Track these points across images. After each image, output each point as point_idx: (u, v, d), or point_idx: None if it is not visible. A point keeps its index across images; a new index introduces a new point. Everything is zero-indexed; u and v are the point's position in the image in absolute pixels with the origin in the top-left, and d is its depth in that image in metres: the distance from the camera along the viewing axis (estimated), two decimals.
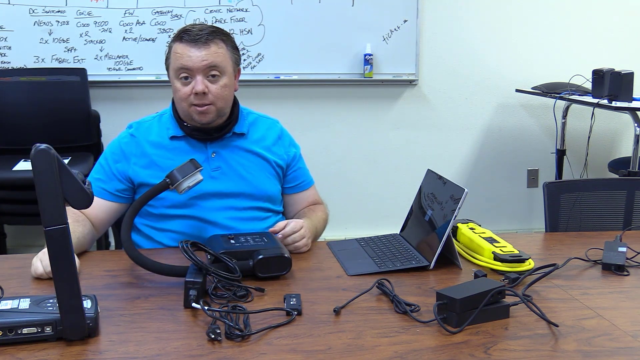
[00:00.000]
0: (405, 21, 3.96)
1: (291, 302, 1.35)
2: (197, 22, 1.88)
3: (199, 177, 1.65)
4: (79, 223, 1.74)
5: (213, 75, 1.79)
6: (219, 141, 1.87)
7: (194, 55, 1.76)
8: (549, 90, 3.81)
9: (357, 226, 4.09)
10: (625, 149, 4.23)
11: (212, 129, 1.85)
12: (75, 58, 3.70)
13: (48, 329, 1.18)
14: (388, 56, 3.97)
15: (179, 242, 1.45)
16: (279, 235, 1.71)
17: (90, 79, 3.67)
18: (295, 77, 3.90)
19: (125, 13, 3.71)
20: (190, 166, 1.63)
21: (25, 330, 1.17)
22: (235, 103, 1.90)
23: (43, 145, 1.12)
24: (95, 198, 1.78)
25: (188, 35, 1.78)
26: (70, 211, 1.68)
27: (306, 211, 1.96)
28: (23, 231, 3.83)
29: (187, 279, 1.35)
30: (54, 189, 1.12)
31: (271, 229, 1.73)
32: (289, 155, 1.97)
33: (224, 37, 1.83)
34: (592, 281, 1.57)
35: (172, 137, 1.87)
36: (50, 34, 3.66)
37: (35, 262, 1.52)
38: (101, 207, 1.84)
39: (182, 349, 1.19)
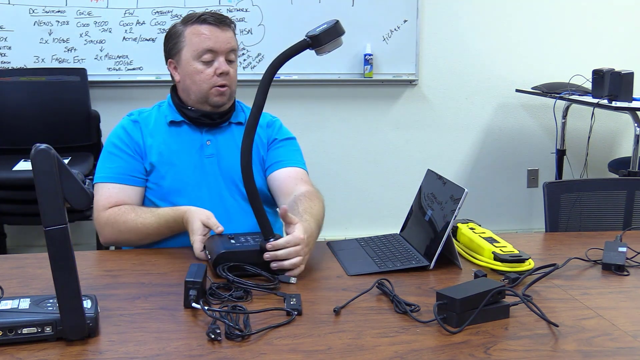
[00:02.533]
0: (405, 21, 3.96)
1: (291, 302, 1.35)
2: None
3: (340, 42, 1.58)
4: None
5: (231, 59, 1.85)
6: (215, 129, 1.89)
7: (221, 37, 1.82)
8: (549, 90, 3.81)
9: (357, 226, 4.09)
10: (625, 149, 4.23)
11: (216, 114, 1.88)
12: (75, 58, 3.70)
13: (48, 329, 1.18)
14: (388, 56, 3.98)
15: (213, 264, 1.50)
16: (267, 256, 1.50)
17: (90, 79, 3.67)
18: (295, 77, 3.90)
19: (125, 13, 3.71)
20: (335, 30, 1.54)
21: (25, 330, 1.17)
22: None
23: (43, 145, 1.12)
24: (126, 187, 1.81)
25: (211, 17, 1.82)
26: (129, 207, 1.77)
27: (303, 201, 1.73)
28: (23, 231, 3.83)
29: (187, 279, 1.35)
30: (54, 189, 1.12)
31: (270, 245, 1.50)
32: (270, 138, 1.94)
33: (232, 23, 1.89)
34: (592, 281, 1.57)
35: (171, 123, 1.88)
36: (50, 34, 3.66)
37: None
38: (138, 195, 1.84)
39: (182, 349, 1.19)
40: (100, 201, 1.79)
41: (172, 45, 1.87)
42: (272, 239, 1.50)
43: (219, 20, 1.83)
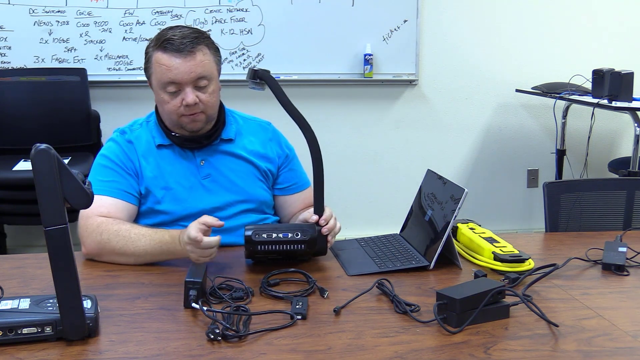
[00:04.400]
0: (405, 21, 3.96)
1: (297, 306, 1.34)
2: (175, 25, 1.81)
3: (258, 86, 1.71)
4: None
5: (201, 85, 1.73)
6: (206, 148, 1.82)
7: (182, 67, 1.69)
8: (549, 90, 3.81)
9: (357, 226, 4.09)
10: (625, 149, 4.23)
11: (201, 136, 1.80)
12: (75, 58, 3.70)
13: (48, 329, 1.18)
14: (388, 56, 3.97)
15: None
16: (323, 226, 1.63)
17: (90, 79, 3.67)
18: (295, 77, 3.90)
19: (125, 13, 3.71)
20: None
21: (25, 330, 1.17)
22: (220, 107, 1.85)
23: (43, 145, 1.12)
24: (119, 202, 1.73)
25: (171, 44, 1.70)
26: (121, 220, 1.67)
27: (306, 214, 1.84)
28: (23, 231, 3.83)
29: (187, 279, 1.35)
30: (54, 189, 1.12)
31: (318, 220, 1.63)
32: (280, 156, 1.92)
33: (206, 40, 1.76)
34: (592, 281, 1.57)
35: (159, 146, 1.81)
36: (50, 34, 3.66)
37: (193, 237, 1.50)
38: (130, 213, 1.75)
39: (182, 349, 1.19)
40: (90, 209, 1.58)
41: (145, 67, 1.80)
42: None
43: (180, 49, 1.69)
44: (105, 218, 1.68)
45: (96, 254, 1.66)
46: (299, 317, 1.31)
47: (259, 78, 1.70)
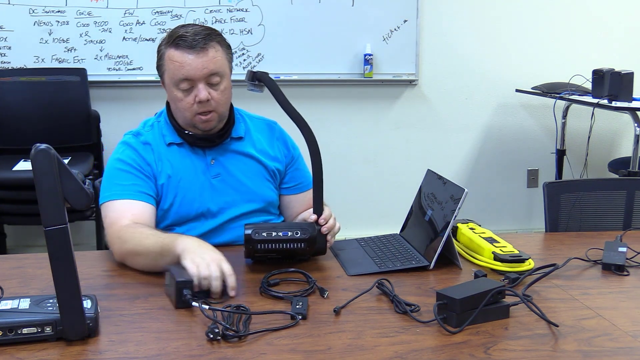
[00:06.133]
0: (405, 21, 3.96)
1: (297, 306, 1.34)
2: (187, 23, 1.80)
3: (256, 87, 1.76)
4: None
5: (213, 82, 1.73)
6: (217, 147, 1.83)
7: (194, 63, 1.70)
8: (549, 90, 3.81)
9: (357, 226, 4.08)
10: (625, 149, 4.23)
11: (213, 135, 1.80)
12: (75, 58, 3.70)
13: (48, 329, 1.18)
14: (388, 56, 3.98)
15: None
16: (323, 226, 1.63)
17: (90, 79, 3.67)
18: (295, 77, 3.90)
19: (125, 13, 3.71)
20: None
21: (25, 330, 1.17)
22: (230, 106, 1.85)
23: (43, 145, 1.12)
24: (145, 205, 1.71)
25: (184, 41, 1.70)
26: (142, 227, 1.63)
27: (305, 213, 1.87)
28: (23, 231, 3.83)
29: (178, 280, 1.34)
30: (54, 189, 1.12)
31: (317, 219, 1.63)
32: (287, 156, 1.93)
33: (218, 37, 1.77)
34: (592, 281, 1.57)
35: (170, 144, 1.81)
36: (50, 34, 3.66)
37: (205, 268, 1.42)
38: (152, 212, 1.73)
39: (182, 349, 1.19)
40: (116, 216, 1.65)
41: (157, 64, 1.79)
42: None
43: (192, 45, 1.69)
44: (128, 223, 1.64)
45: (121, 260, 1.62)
46: (299, 317, 1.31)
47: (257, 80, 1.72)
